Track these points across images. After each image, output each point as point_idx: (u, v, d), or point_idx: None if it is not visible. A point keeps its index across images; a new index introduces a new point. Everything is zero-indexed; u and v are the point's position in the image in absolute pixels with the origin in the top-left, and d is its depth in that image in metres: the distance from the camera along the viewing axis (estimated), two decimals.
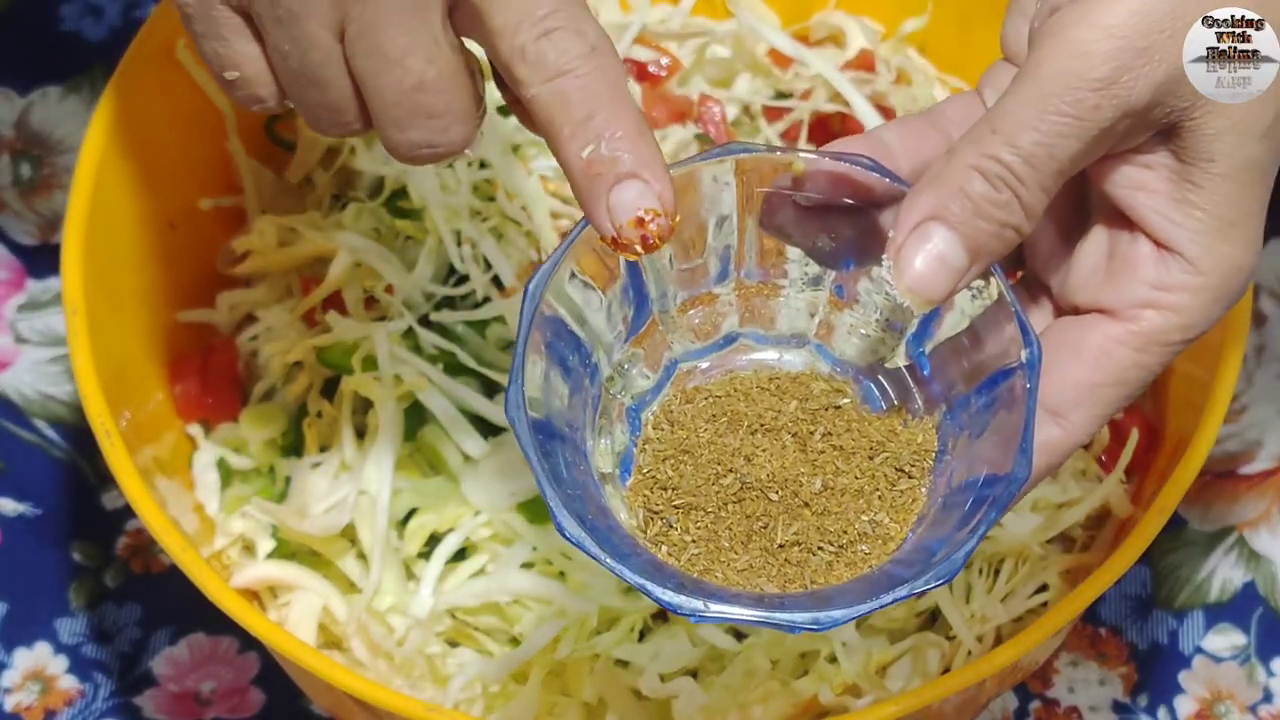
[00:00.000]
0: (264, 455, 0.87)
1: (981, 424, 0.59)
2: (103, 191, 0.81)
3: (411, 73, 0.58)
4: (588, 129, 0.57)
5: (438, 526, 0.82)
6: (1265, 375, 0.95)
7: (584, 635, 0.80)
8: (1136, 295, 0.60)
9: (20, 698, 0.89)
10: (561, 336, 0.59)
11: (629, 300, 0.61)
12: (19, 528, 0.93)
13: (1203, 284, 0.59)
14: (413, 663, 0.80)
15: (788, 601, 0.56)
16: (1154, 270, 0.59)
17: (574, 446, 0.59)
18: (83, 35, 1.04)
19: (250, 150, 0.91)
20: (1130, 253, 0.60)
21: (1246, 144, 0.58)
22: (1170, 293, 0.59)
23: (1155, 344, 0.60)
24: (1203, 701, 0.88)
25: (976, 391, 0.59)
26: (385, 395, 0.83)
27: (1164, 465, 0.81)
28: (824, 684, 0.78)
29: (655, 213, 0.57)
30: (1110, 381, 0.60)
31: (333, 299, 0.87)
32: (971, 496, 0.57)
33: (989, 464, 0.57)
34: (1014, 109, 0.57)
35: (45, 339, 0.98)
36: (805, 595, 0.57)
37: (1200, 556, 0.91)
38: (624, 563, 0.55)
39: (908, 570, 0.56)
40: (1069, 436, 0.60)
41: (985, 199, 0.57)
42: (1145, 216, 0.59)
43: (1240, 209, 0.59)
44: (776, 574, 0.58)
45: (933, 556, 0.56)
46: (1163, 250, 0.59)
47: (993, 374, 0.58)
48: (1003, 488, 0.56)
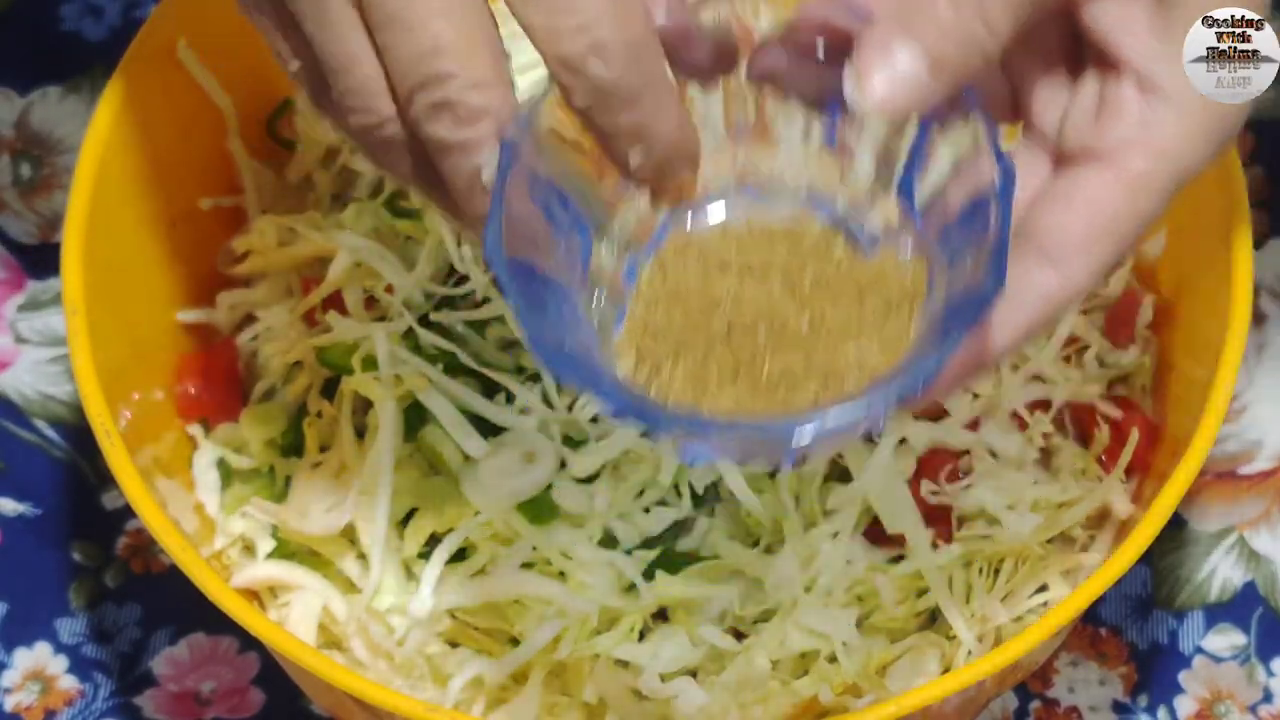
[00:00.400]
0: (264, 455, 0.87)
1: (961, 252, 0.58)
2: (103, 191, 0.81)
3: (429, 35, 0.58)
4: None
5: (437, 527, 0.82)
6: (1265, 375, 0.95)
7: (584, 635, 0.80)
8: (1122, 136, 0.59)
9: (20, 698, 0.89)
10: (545, 186, 0.58)
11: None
12: (19, 528, 0.93)
13: (1188, 119, 0.58)
14: (413, 663, 0.80)
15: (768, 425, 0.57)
16: (1138, 109, 0.58)
17: (563, 295, 0.58)
18: (83, 35, 1.04)
19: (250, 150, 0.91)
20: (1115, 94, 0.59)
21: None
22: (1155, 131, 0.58)
23: (1145, 186, 0.59)
24: (1203, 701, 0.88)
25: (958, 223, 0.59)
26: (385, 395, 0.83)
27: (1164, 465, 0.81)
28: (824, 684, 0.78)
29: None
30: (1102, 229, 0.59)
31: (333, 299, 0.87)
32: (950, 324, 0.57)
33: (966, 285, 0.57)
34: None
35: (45, 339, 0.98)
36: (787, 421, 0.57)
37: (1200, 556, 0.91)
38: (598, 386, 0.55)
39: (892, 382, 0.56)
40: (1066, 284, 0.59)
41: (950, 17, 0.56)
42: (1127, 53, 0.58)
43: None
44: (762, 408, 0.58)
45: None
46: (1147, 87, 0.58)
47: (972, 201, 0.58)
48: (975, 302, 0.56)
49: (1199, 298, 0.83)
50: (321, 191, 0.92)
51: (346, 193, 0.91)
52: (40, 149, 1.01)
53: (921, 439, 0.82)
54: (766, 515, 0.81)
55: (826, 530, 0.81)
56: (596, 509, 0.81)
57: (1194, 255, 0.84)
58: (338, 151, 0.91)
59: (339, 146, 0.91)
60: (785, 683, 0.79)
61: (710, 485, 0.82)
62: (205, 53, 0.87)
